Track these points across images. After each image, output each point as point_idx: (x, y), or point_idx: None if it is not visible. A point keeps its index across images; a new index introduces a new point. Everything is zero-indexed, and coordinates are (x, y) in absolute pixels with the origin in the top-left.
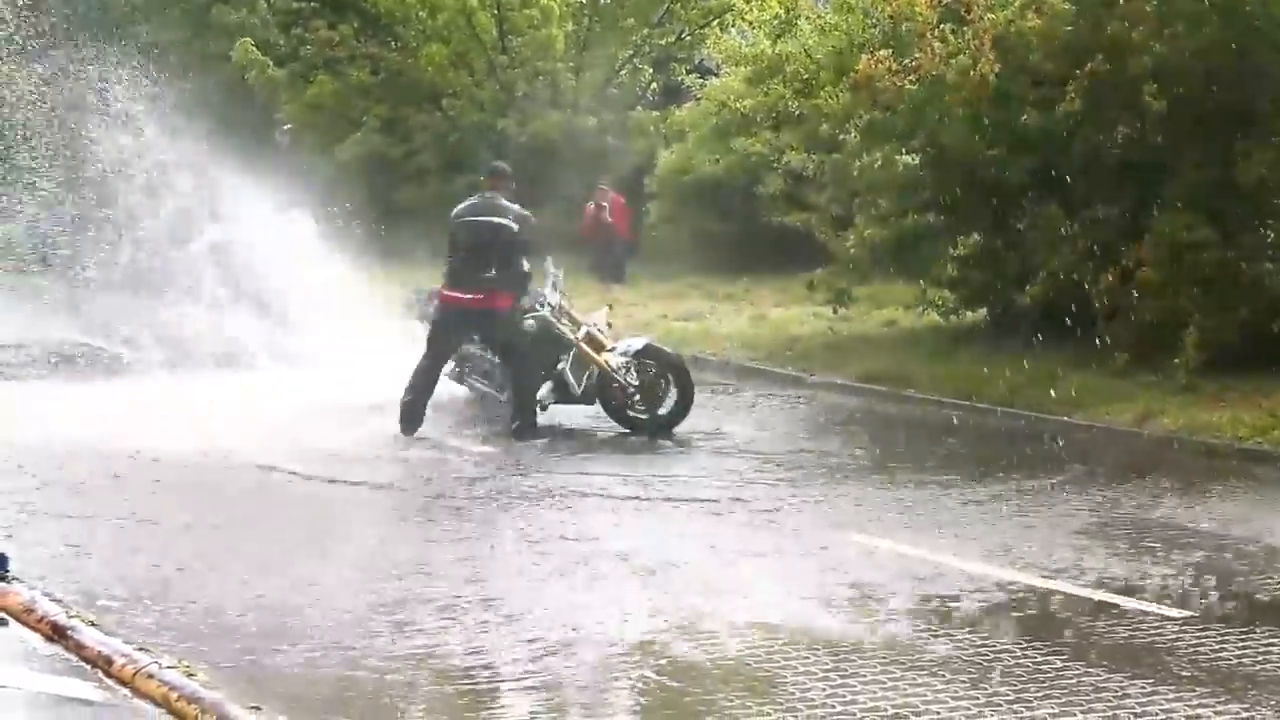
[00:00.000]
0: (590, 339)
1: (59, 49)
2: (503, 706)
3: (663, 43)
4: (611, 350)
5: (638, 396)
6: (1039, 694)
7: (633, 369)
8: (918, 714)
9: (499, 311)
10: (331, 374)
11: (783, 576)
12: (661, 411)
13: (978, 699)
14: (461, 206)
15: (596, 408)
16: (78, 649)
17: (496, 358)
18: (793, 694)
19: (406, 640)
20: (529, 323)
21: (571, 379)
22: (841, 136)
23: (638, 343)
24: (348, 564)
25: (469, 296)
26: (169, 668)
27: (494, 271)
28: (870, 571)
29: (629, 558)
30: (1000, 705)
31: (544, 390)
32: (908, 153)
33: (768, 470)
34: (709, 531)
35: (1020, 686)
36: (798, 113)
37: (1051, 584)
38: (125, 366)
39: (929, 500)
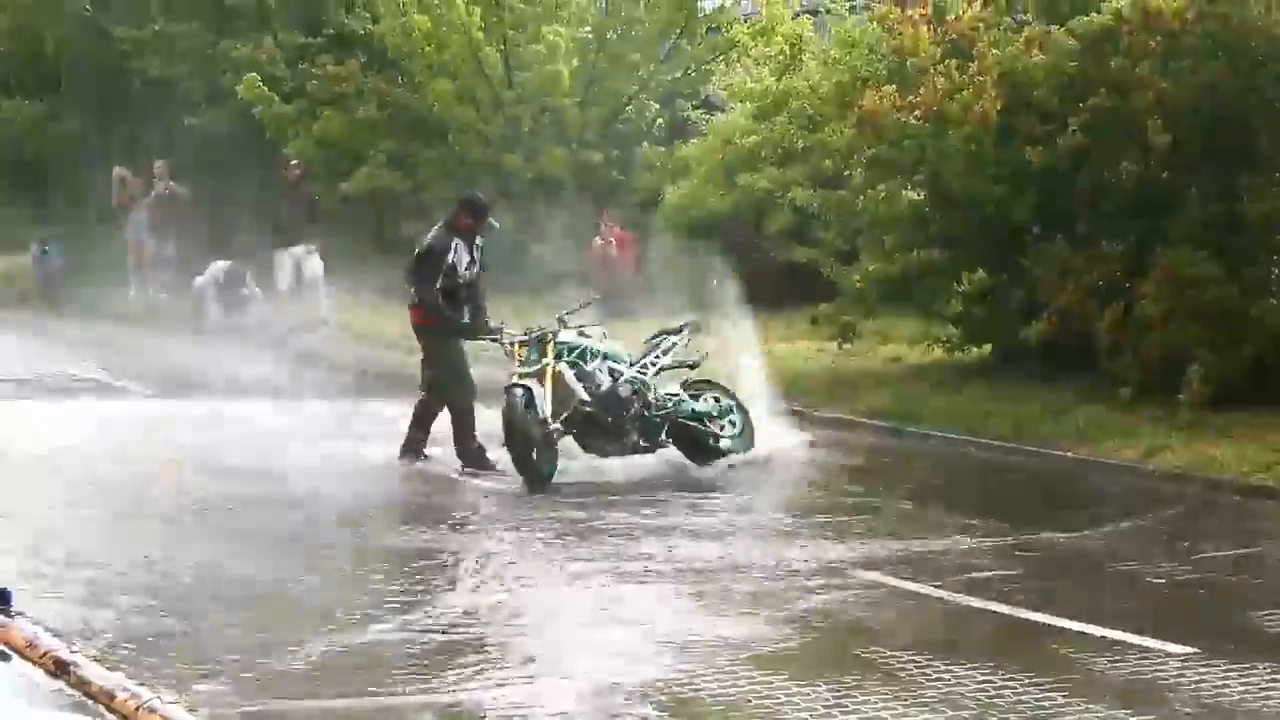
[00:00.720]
0: (556, 377)
1: (64, 85)
2: None
3: (669, 78)
4: None
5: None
6: None
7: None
8: None
9: (415, 325)
10: (329, 407)
11: (785, 612)
12: None
13: None
14: None
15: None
16: (80, 684)
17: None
18: None
19: (415, 680)
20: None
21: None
22: (846, 172)
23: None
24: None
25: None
26: (170, 703)
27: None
28: (873, 607)
29: (629, 594)
30: None
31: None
32: (912, 188)
33: (768, 505)
34: (706, 567)
35: None
36: (802, 148)
37: (1053, 620)
38: (128, 400)
39: (932, 536)
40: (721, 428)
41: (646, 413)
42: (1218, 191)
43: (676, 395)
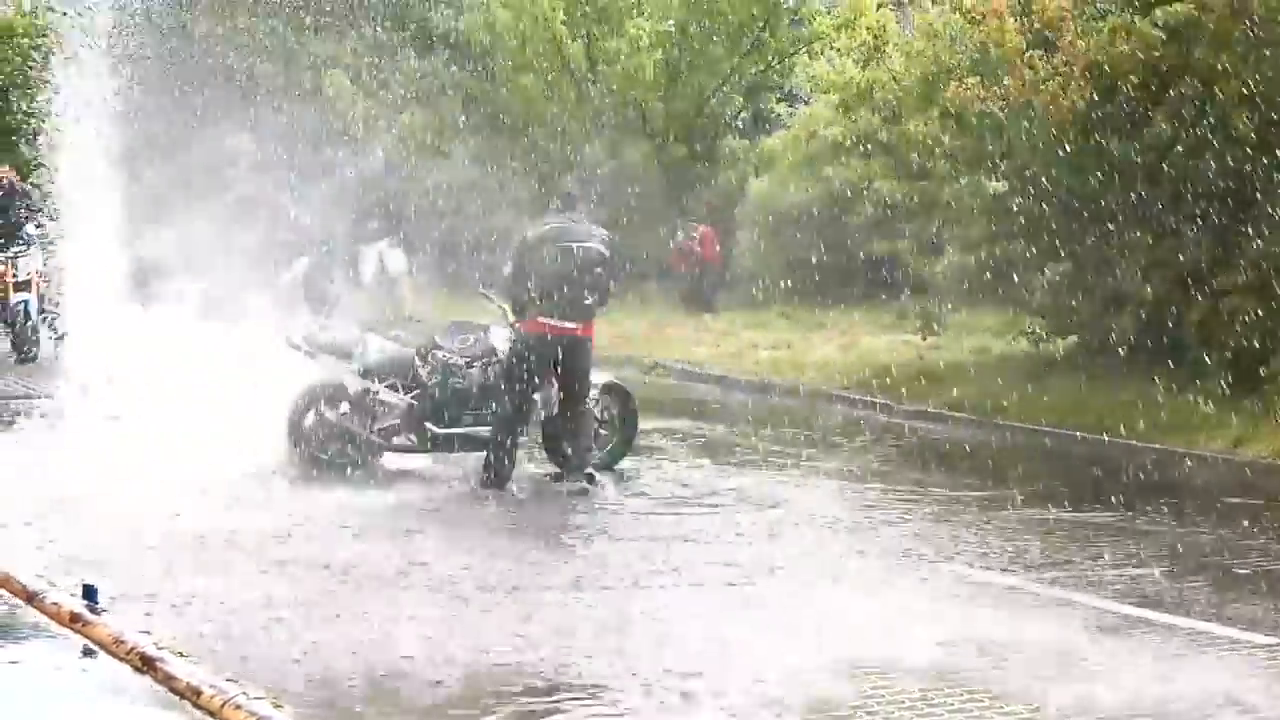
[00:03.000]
0: None
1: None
2: None
3: (752, 71)
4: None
5: None
6: None
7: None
8: None
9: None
10: None
11: (872, 605)
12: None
13: None
14: (551, 229)
15: None
16: (166, 680)
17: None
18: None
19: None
20: None
21: None
22: (930, 164)
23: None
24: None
25: (575, 326)
26: (256, 698)
27: (594, 299)
28: (961, 600)
29: (708, 584)
30: None
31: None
32: (997, 179)
33: (857, 497)
34: (788, 560)
35: (1108, 717)
36: (886, 140)
37: (1141, 611)
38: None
39: (1020, 528)
40: None
41: None
42: None
43: None
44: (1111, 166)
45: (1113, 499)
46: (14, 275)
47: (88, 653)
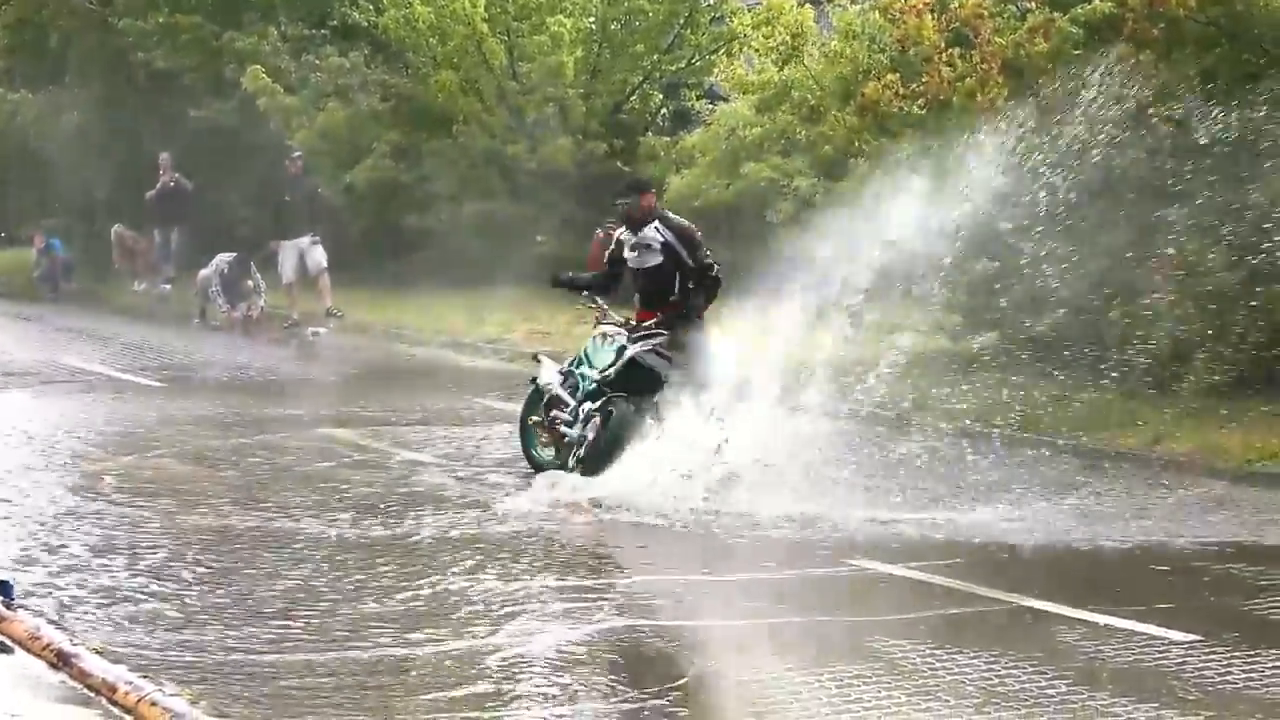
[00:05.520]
0: None
1: (68, 77)
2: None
3: (673, 68)
4: None
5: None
6: (1044, 718)
7: None
8: None
9: None
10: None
11: (787, 601)
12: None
13: None
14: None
15: None
16: (81, 676)
17: None
18: (797, 718)
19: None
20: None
21: None
22: (850, 159)
23: None
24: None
25: None
26: (172, 695)
27: None
28: (876, 595)
29: (632, 590)
30: None
31: None
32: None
33: (772, 494)
34: (709, 558)
35: (1025, 711)
36: (805, 139)
37: (1058, 608)
38: (125, 393)
39: (936, 525)
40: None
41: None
42: (1222, 179)
43: None
44: (1030, 164)
45: (1030, 496)
46: None
47: (3, 649)
